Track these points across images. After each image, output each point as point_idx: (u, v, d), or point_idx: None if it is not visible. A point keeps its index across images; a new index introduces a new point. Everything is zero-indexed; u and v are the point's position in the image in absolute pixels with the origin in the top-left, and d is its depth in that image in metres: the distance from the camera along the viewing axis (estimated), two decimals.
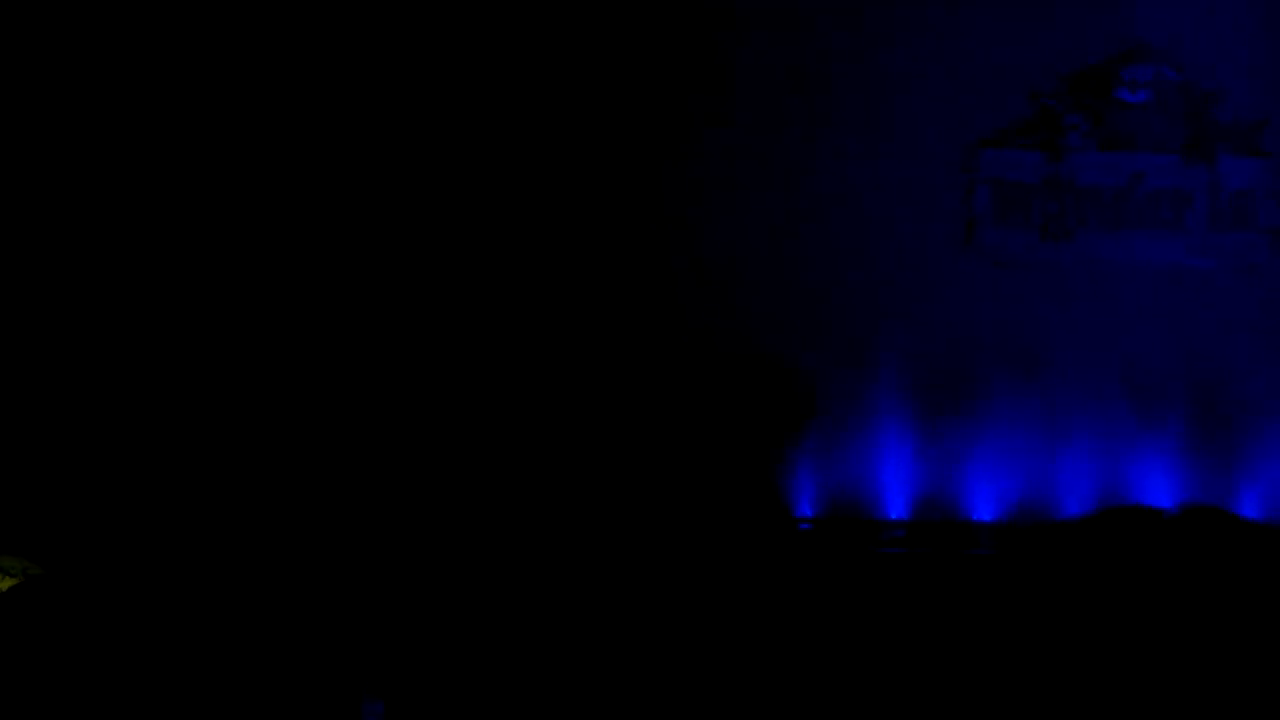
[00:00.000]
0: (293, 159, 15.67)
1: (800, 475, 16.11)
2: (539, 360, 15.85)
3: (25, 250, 15.45)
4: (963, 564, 15.51)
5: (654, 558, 15.43)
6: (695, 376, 16.04)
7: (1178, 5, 15.89)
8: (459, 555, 15.23)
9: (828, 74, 16.03)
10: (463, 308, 15.85)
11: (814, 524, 16.00)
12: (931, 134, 16.09)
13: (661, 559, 15.42)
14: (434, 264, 15.87)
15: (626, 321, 16.08)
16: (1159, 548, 6.96)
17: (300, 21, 15.61)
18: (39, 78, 15.32)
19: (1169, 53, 15.96)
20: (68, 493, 15.00)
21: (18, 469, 14.85)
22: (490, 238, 15.87)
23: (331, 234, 15.71)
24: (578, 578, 15.30)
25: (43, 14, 15.40)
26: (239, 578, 14.38)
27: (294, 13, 15.56)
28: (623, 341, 16.03)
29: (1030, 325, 16.12)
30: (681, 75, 15.93)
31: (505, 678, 14.26)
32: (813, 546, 15.71)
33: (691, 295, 16.07)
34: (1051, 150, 16.04)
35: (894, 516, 16.15)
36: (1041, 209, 16.13)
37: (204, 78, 15.59)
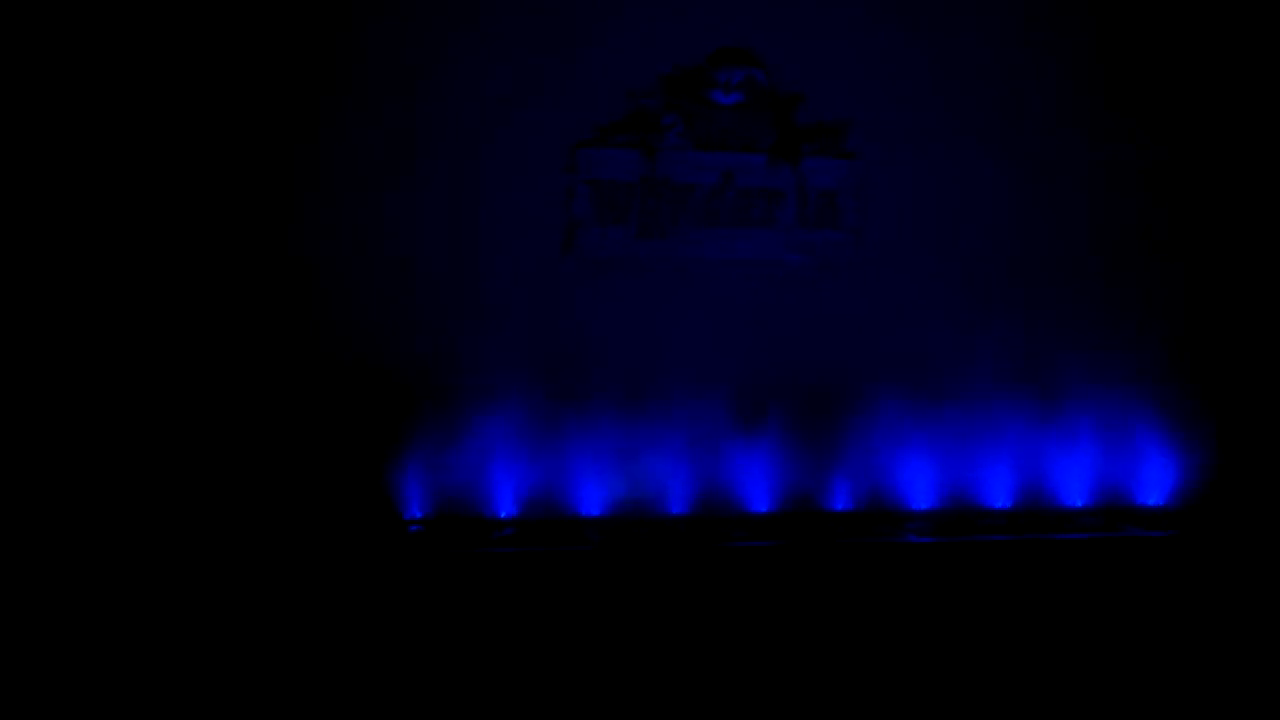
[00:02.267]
0: None
1: (410, 477, 15.92)
2: (141, 361, 15.33)
3: None
4: (569, 560, 15.65)
5: (257, 560, 14.97)
6: (299, 379, 15.69)
7: (767, 10, 16.58)
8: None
9: (428, 78, 16.02)
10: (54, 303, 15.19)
11: (424, 525, 15.82)
12: (532, 137, 16.23)
13: (266, 562, 14.98)
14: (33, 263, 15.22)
15: (228, 322, 15.64)
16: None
17: None
18: None
19: (759, 55, 16.62)
20: None
21: None
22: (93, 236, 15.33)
23: None
24: (179, 580, 14.71)
25: None
26: None
27: None
28: (224, 342, 15.58)
29: (633, 324, 16.45)
30: (286, 81, 15.68)
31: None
32: (422, 548, 15.52)
33: (298, 300, 15.74)
34: (648, 149, 16.42)
35: (504, 515, 16.15)
36: (640, 207, 16.48)
37: None
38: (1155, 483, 17.72)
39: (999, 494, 17.39)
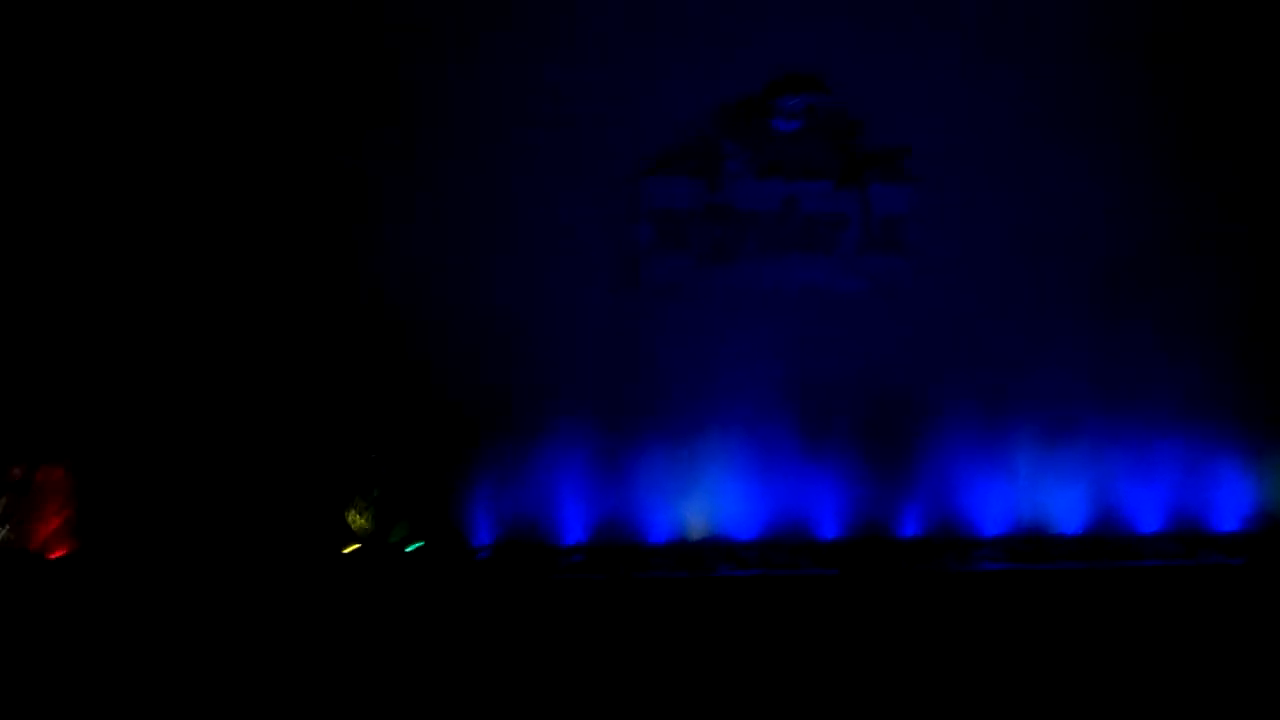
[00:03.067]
0: None
1: (478, 504, 16.10)
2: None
3: None
4: (637, 588, 15.70)
5: (321, 585, 15.17)
6: (370, 409, 15.93)
7: (828, 37, 16.61)
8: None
9: (499, 109, 16.25)
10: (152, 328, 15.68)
11: (492, 551, 15.96)
12: (594, 167, 16.40)
13: (332, 586, 15.17)
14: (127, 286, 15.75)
15: (299, 351, 15.93)
16: None
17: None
18: None
19: (820, 82, 16.65)
20: None
21: None
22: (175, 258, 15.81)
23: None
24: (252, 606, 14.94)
25: None
26: None
27: None
28: (292, 371, 15.88)
29: (696, 351, 16.51)
30: (362, 118, 16.02)
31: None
32: (490, 575, 15.63)
33: (370, 330, 16.03)
34: (711, 178, 16.51)
35: (572, 541, 16.26)
36: (702, 236, 16.58)
37: None
38: (1231, 508, 17.44)
39: (1071, 520, 17.21)
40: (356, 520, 15.74)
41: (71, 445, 15.51)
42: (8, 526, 15.15)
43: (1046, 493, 17.22)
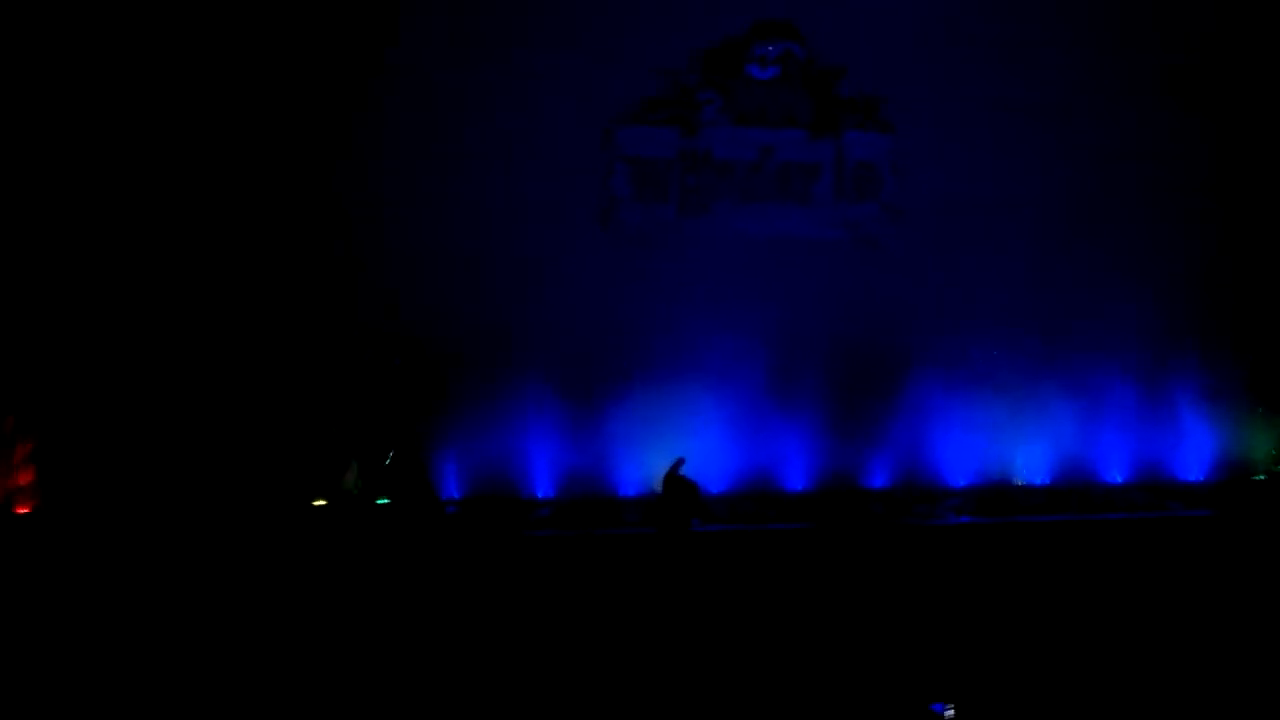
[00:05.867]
0: None
1: (447, 457, 15.81)
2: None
3: None
4: (607, 544, 15.49)
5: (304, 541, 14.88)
6: (330, 357, 15.65)
7: None
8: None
9: (467, 59, 16.00)
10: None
11: (461, 505, 15.68)
12: (568, 115, 16.18)
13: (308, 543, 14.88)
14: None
15: (263, 303, 15.64)
16: None
17: None
18: None
19: (795, 29, 16.55)
20: None
21: None
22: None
23: None
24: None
25: None
26: None
27: None
28: (250, 323, 15.60)
29: (671, 299, 16.27)
30: (339, 83, 15.87)
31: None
32: (460, 530, 15.35)
33: (333, 280, 15.77)
34: (687, 125, 16.33)
35: (541, 495, 16.01)
36: (679, 184, 16.40)
37: None
38: (1195, 458, 17.57)
39: (1038, 470, 17.27)
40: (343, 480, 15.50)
41: (32, 401, 15.19)
42: None
43: (1014, 444, 17.23)
